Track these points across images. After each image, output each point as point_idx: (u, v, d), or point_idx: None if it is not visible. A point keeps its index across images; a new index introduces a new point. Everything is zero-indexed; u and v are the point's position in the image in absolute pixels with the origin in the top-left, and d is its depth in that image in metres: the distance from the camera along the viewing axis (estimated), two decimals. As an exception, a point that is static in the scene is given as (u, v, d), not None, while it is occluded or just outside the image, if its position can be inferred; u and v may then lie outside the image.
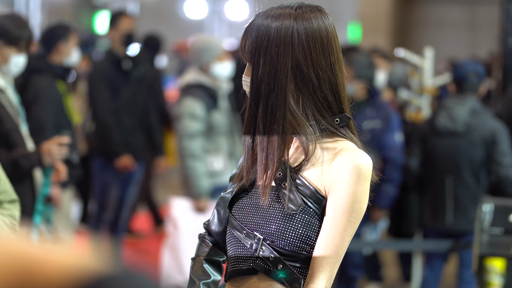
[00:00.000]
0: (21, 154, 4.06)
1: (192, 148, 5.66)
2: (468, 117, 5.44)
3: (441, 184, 5.53)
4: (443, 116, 5.52)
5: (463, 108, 5.46)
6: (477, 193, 5.44)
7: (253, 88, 2.15)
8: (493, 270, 4.66)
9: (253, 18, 2.20)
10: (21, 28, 4.29)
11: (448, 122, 5.48)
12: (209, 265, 2.36)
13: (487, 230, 4.69)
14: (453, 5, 18.08)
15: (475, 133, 5.43)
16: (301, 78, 2.12)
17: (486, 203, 4.76)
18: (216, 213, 2.36)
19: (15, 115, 4.17)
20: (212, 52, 5.75)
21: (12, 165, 4.01)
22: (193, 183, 5.66)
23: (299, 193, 2.12)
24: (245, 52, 2.18)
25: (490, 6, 16.35)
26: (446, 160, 5.51)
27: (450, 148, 5.50)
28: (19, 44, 4.26)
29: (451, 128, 5.47)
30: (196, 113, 5.67)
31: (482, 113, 5.47)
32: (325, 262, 2.10)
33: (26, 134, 4.24)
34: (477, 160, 5.45)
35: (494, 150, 5.40)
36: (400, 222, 6.32)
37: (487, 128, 5.42)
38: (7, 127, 4.08)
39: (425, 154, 5.62)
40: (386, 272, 7.28)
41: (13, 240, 0.85)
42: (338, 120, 2.15)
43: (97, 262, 0.84)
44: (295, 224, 2.11)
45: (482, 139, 5.42)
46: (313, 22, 2.13)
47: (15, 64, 4.26)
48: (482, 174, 5.47)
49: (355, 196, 2.09)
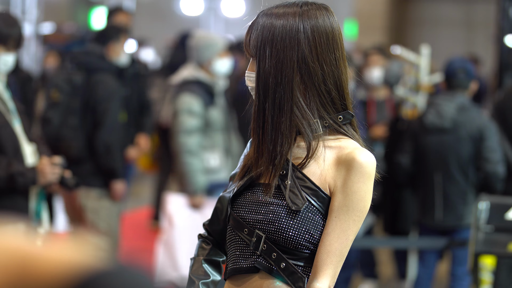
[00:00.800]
0: (18, 170, 4.08)
1: (189, 144, 5.65)
2: (455, 113, 5.45)
3: (430, 180, 5.54)
4: (431, 112, 5.54)
5: (450, 104, 5.47)
6: (466, 189, 5.46)
7: (260, 82, 2.16)
8: (484, 267, 4.67)
9: (257, 15, 2.21)
10: (11, 27, 4.27)
11: (435, 119, 5.49)
12: (208, 265, 2.35)
13: (482, 228, 4.69)
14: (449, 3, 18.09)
15: (462, 129, 5.44)
16: (306, 72, 2.13)
17: (482, 201, 4.76)
18: (216, 212, 2.36)
19: (6, 111, 4.16)
20: (214, 49, 5.75)
21: (8, 180, 4.05)
22: (189, 180, 5.65)
23: (303, 191, 2.12)
24: (249, 47, 2.19)
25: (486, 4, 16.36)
26: (435, 156, 5.53)
27: (438, 145, 5.51)
28: (7, 43, 4.24)
29: (438, 125, 5.49)
30: (194, 109, 5.67)
31: (470, 110, 5.48)
32: (329, 260, 2.10)
33: (19, 130, 4.24)
34: (465, 156, 5.45)
35: (481, 146, 5.40)
36: (395, 219, 6.33)
37: (475, 125, 5.43)
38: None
39: (416, 151, 5.63)
40: (381, 270, 7.28)
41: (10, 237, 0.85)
42: (341, 118, 2.16)
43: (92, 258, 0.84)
44: (298, 222, 2.11)
45: (469, 135, 5.43)
46: (318, 18, 2.15)
47: (4, 63, 4.25)
48: (470, 170, 5.47)
49: (359, 194, 2.10)
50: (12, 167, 4.08)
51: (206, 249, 2.37)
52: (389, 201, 6.27)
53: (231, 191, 2.29)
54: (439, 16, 18.17)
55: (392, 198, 6.24)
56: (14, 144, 4.15)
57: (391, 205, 6.28)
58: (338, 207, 2.10)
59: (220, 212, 2.34)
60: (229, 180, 2.36)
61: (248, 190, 2.21)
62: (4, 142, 4.10)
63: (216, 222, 2.36)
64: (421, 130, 5.59)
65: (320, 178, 2.13)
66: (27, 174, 4.10)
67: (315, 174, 2.13)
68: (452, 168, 5.48)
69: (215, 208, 2.36)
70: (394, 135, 6.34)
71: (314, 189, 2.12)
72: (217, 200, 2.36)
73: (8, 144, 4.12)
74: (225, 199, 2.32)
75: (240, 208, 2.20)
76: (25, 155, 4.19)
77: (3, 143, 4.10)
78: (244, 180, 2.21)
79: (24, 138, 4.26)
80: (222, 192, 2.36)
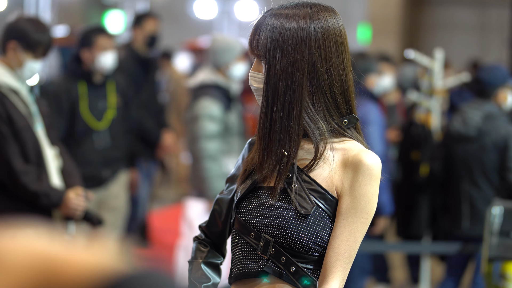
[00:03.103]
0: (44, 190, 4.08)
1: (209, 149, 5.58)
2: (480, 121, 5.38)
3: (457, 189, 5.50)
4: (457, 120, 5.49)
5: (477, 112, 5.40)
6: (492, 198, 5.34)
7: (269, 84, 2.14)
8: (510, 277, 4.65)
9: (262, 15, 2.19)
10: (41, 34, 4.21)
11: (461, 127, 5.44)
12: (208, 267, 2.34)
13: (496, 233, 4.67)
14: (463, 7, 18.05)
15: (487, 138, 5.38)
16: (315, 76, 2.12)
17: (496, 205, 4.74)
18: (214, 214, 2.35)
19: (28, 114, 4.15)
20: (232, 53, 5.69)
21: (33, 195, 4.06)
22: (209, 185, 5.61)
23: (311, 194, 2.12)
24: (257, 48, 2.17)
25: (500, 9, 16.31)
26: (461, 165, 5.47)
27: (464, 153, 5.45)
28: (36, 49, 4.19)
29: (463, 133, 5.43)
30: (214, 114, 5.57)
31: (497, 118, 5.39)
32: (338, 263, 2.10)
33: (41, 134, 4.24)
34: (490, 165, 5.39)
35: (505, 156, 5.35)
36: (408, 224, 6.30)
37: (500, 133, 5.36)
38: (18, 126, 4.08)
39: (446, 158, 5.59)
40: (394, 274, 7.26)
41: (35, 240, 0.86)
42: (346, 122, 2.16)
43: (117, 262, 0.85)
44: (306, 225, 2.10)
45: (493, 144, 5.36)
46: (328, 21, 2.14)
47: (30, 70, 4.21)
48: (496, 179, 5.41)
49: (367, 197, 2.10)
50: (40, 184, 4.08)
51: (204, 251, 2.36)
52: (402, 205, 6.25)
53: (228, 193, 2.28)
54: (453, 21, 18.13)
55: (405, 202, 6.22)
56: (35, 147, 4.15)
57: (405, 209, 6.26)
58: (346, 209, 2.10)
59: (218, 214, 2.33)
60: (226, 182, 2.34)
61: (253, 194, 2.19)
62: (26, 146, 4.12)
63: (214, 224, 2.35)
64: (448, 138, 5.56)
65: (327, 181, 2.12)
66: (51, 196, 4.10)
67: (321, 177, 2.13)
68: (477, 177, 5.42)
69: (212, 210, 2.35)
70: (407, 139, 6.32)
71: (321, 192, 2.12)
72: (215, 202, 2.35)
73: (29, 147, 4.13)
74: (223, 201, 2.31)
75: (246, 212, 2.19)
76: (46, 159, 4.20)
77: (25, 146, 4.12)
78: (248, 184, 2.20)
79: (46, 141, 4.26)
80: (218, 195, 2.35)
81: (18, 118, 4.09)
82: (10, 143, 4.07)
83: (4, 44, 4.21)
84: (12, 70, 4.18)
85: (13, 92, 4.14)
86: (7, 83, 4.12)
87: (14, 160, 4.07)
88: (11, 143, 4.07)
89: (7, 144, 4.07)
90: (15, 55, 4.18)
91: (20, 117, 4.10)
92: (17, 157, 4.08)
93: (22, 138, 4.10)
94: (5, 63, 4.19)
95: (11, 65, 4.18)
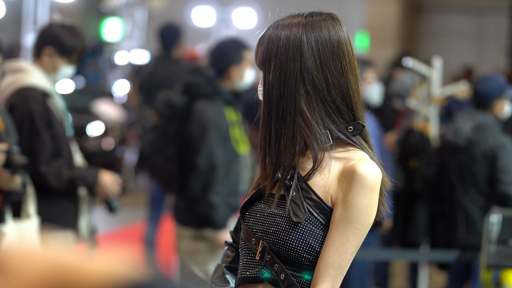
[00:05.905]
0: (78, 174, 4.13)
1: None
2: (470, 132, 5.39)
3: (451, 198, 5.51)
4: (450, 129, 5.51)
5: (467, 122, 5.41)
6: (486, 207, 5.35)
7: (265, 95, 2.16)
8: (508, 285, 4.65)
9: (268, 27, 2.21)
10: (76, 39, 4.29)
11: (452, 137, 5.46)
12: (229, 272, 2.37)
13: (494, 241, 4.67)
14: (461, 15, 18.09)
15: (476, 148, 5.38)
16: (311, 83, 2.12)
17: (494, 213, 4.74)
18: (239, 219, 2.37)
19: (61, 120, 4.22)
20: None
21: (69, 182, 4.10)
22: None
23: (306, 202, 2.12)
24: (258, 61, 2.19)
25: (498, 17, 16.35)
26: (454, 174, 5.49)
27: (456, 163, 5.48)
28: (71, 55, 4.27)
29: (454, 143, 5.45)
30: None
31: (488, 128, 5.39)
32: (326, 273, 2.09)
33: (72, 140, 4.32)
34: (480, 175, 5.39)
35: (494, 166, 5.34)
36: (406, 231, 6.30)
37: (488, 144, 5.35)
38: (56, 131, 4.14)
39: (441, 165, 5.61)
40: (394, 282, 7.25)
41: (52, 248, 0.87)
42: (351, 128, 2.14)
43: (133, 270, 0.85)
44: (298, 233, 2.11)
45: (482, 155, 5.36)
46: (322, 27, 2.14)
47: (63, 74, 4.30)
48: (488, 189, 5.41)
49: (359, 207, 2.08)
50: (73, 169, 4.14)
51: (230, 256, 2.39)
52: (400, 213, 6.25)
53: None
54: (451, 29, 18.17)
55: (403, 210, 6.22)
56: (68, 154, 4.22)
57: (402, 216, 6.26)
58: (338, 219, 2.09)
59: None
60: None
61: (257, 201, 2.22)
62: (62, 150, 4.17)
63: (239, 230, 2.38)
64: (443, 147, 5.57)
65: (323, 190, 2.12)
66: (87, 177, 4.16)
67: (319, 186, 2.13)
68: (469, 187, 5.43)
69: (239, 216, 2.38)
70: (405, 147, 6.33)
71: (317, 200, 2.12)
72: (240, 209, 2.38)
73: (64, 153, 4.19)
74: None
75: (249, 218, 2.22)
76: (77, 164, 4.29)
77: (61, 151, 4.17)
78: (253, 192, 2.23)
79: (76, 149, 4.35)
80: None
81: (55, 123, 4.15)
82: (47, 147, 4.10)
83: (39, 49, 4.27)
84: (48, 75, 4.24)
85: (49, 96, 4.20)
86: (45, 87, 4.18)
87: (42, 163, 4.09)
88: (48, 147, 4.10)
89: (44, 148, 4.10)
90: (51, 60, 4.25)
91: (57, 122, 4.16)
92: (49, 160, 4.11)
93: (58, 143, 4.15)
94: (41, 68, 4.25)
95: (46, 70, 4.24)
